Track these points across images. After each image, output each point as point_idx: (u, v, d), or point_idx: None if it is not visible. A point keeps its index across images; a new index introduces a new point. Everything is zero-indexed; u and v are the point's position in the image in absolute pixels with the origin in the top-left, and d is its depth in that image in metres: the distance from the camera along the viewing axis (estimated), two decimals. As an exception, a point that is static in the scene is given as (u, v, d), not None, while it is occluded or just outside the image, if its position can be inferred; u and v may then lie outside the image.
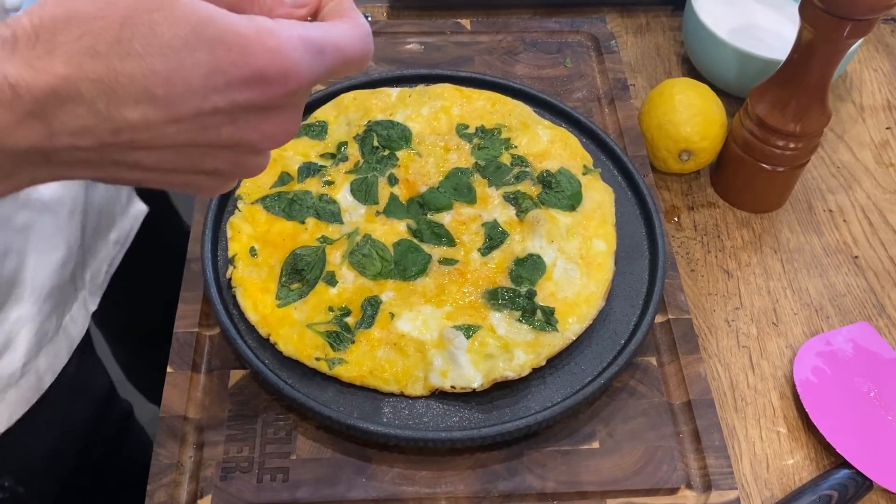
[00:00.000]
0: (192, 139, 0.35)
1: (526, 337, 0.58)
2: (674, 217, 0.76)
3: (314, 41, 0.36)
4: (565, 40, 0.83)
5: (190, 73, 0.33)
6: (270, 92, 0.35)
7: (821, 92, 0.68)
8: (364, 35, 0.40)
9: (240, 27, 0.34)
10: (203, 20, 0.33)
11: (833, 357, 0.66)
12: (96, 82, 0.32)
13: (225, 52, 0.33)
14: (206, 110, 0.34)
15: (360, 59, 0.39)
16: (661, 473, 0.56)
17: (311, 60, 0.36)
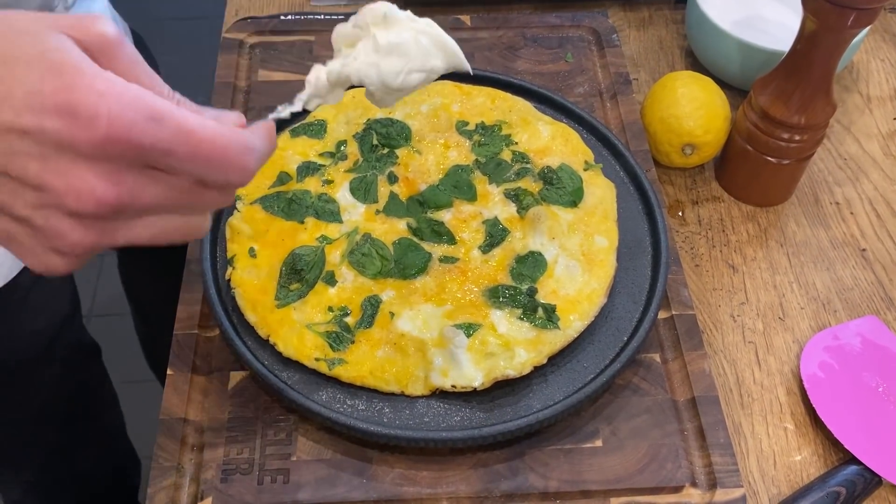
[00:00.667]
0: (5, 162, 0.34)
1: (527, 335, 0.58)
2: (678, 212, 0.76)
3: (155, 108, 0.34)
4: (566, 35, 0.83)
5: (15, 85, 0.33)
6: (76, 129, 0.33)
7: (825, 83, 0.67)
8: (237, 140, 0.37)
9: (85, 65, 0.34)
10: (58, 48, 0.34)
11: (841, 351, 0.65)
12: None
13: (54, 78, 0.33)
14: (17, 128, 0.33)
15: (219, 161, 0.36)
16: (666, 471, 0.56)
17: (137, 120, 0.34)
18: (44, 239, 0.36)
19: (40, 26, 0.34)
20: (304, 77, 0.77)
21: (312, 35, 0.81)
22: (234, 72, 0.78)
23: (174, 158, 0.35)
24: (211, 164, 0.36)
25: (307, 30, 0.82)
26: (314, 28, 0.82)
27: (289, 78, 0.78)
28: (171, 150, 0.35)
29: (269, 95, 0.76)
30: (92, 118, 0.33)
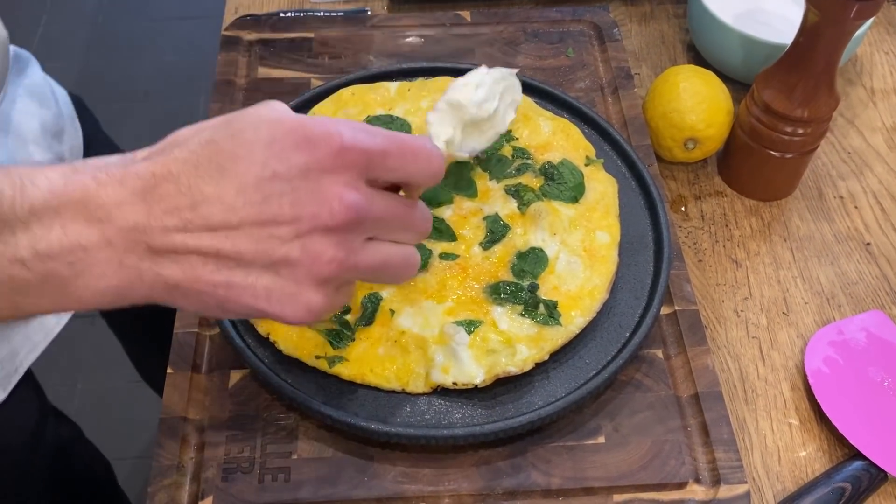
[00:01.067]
0: (259, 213, 0.39)
1: (528, 331, 0.57)
2: (680, 207, 0.75)
3: (367, 127, 0.42)
4: (567, 30, 0.82)
5: (252, 145, 0.39)
6: (318, 151, 0.39)
7: (828, 76, 0.67)
8: (430, 144, 0.44)
9: (302, 116, 0.41)
10: (268, 112, 0.41)
11: (845, 346, 0.65)
12: (182, 162, 0.39)
13: (282, 127, 0.40)
14: (266, 176, 0.39)
15: (422, 160, 0.43)
16: (669, 468, 0.55)
17: (359, 133, 0.41)
18: (302, 272, 0.41)
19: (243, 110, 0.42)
20: (303, 74, 0.77)
21: (312, 32, 0.81)
22: (234, 69, 0.78)
23: (391, 159, 0.42)
24: (417, 160, 0.43)
25: (306, 27, 0.82)
26: (313, 25, 0.82)
27: (288, 75, 0.77)
28: (388, 151, 0.41)
29: (268, 93, 0.76)
30: (328, 137, 0.40)
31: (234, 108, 0.75)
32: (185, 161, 0.39)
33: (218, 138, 0.39)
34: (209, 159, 0.39)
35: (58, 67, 2.16)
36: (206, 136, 0.40)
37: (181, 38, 2.22)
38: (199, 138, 0.40)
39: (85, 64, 2.18)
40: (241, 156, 0.39)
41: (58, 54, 2.20)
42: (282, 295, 0.41)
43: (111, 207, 0.38)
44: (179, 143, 0.40)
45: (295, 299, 0.41)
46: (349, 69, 0.77)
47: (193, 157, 0.39)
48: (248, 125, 0.40)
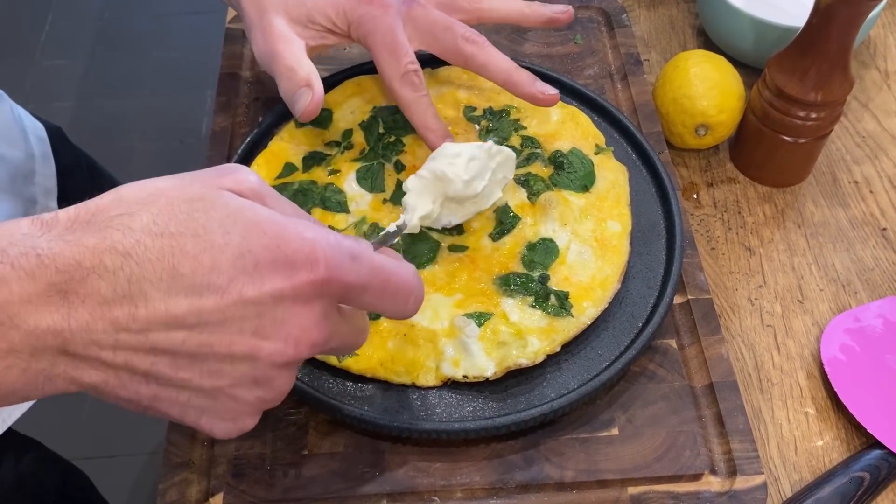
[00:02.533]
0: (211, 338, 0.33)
1: (539, 323, 0.57)
2: (692, 194, 0.74)
3: (353, 250, 0.37)
4: (575, 16, 0.81)
5: (219, 253, 0.32)
6: (297, 279, 0.34)
7: (842, 58, 0.65)
8: (411, 273, 0.40)
9: (277, 216, 0.34)
10: (242, 207, 0.34)
11: (862, 334, 0.64)
12: (123, 255, 0.31)
13: (258, 235, 0.33)
14: (232, 298, 0.33)
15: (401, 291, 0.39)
16: (684, 459, 0.54)
17: (344, 260, 0.35)
18: (244, 406, 0.37)
19: (208, 189, 0.34)
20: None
21: (317, 23, 0.80)
22: (239, 62, 0.77)
23: (368, 294, 0.38)
24: (395, 302, 0.39)
25: (311, 18, 0.81)
26: (318, 16, 0.81)
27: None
28: (368, 286, 0.37)
29: (273, 85, 0.75)
30: (312, 264, 0.34)
31: (239, 101, 0.74)
32: (126, 253, 0.31)
33: (176, 231, 0.32)
34: (160, 257, 0.32)
35: (64, 65, 2.17)
36: (161, 223, 0.32)
37: (187, 33, 2.22)
38: (149, 219, 0.32)
39: (91, 61, 2.19)
40: (203, 265, 0.32)
41: (64, 52, 2.21)
42: (214, 417, 0.36)
43: (16, 307, 0.30)
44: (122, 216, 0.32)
45: (227, 422, 0.37)
46: (355, 60, 0.76)
47: (139, 250, 0.31)
48: (215, 224, 0.33)
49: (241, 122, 0.73)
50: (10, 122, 0.73)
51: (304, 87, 0.60)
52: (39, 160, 0.76)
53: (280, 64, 0.61)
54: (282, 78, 0.61)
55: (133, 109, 2.09)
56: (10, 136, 0.72)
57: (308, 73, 0.60)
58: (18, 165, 0.72)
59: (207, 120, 2.04)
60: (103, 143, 1.97)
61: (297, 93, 0.60)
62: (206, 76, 2.08)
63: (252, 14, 0.62)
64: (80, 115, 2.06)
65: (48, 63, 2.18)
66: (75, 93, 2.11)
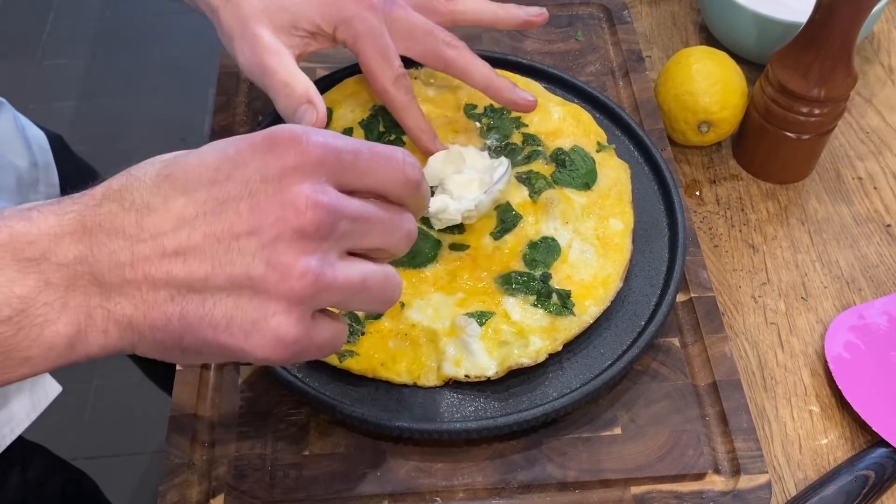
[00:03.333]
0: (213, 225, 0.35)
1: (541, 322, 0.56)
2: (695, 191, 0.74)
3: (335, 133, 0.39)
4: (576, 13, 0.81)
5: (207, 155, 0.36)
6: (282, 153, 0.35)
7: (845, 54, 0.65)
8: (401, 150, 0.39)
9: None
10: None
11: (866, 331, 0.63)
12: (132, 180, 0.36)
13: (244, 139, 0.36)
14: (221, 180, 0.35)
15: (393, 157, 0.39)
16: (687, 458, 0.54)
17: (326, 136, 0.37)
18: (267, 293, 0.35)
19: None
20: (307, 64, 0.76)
21: (316, 21, 0.80)
22: (239, 61, 0.77)
23: (362, 160, 0.37)
24: (390, 164, 0.38)
25: (311, 16, 0.80)
26: (318, 14, 0.80)
27: (293, 66, 0.76)
28: (358, 152, 0.37)
29: (273, 84, 0.75)
30: (293, 138, 0.36)
31: (239, 100, 0.74)
32: (132, 180, 0.36)
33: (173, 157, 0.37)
34: (157, 174, 0.36)
35: (65, 65, 2.17)
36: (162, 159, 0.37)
37: (188, 32, 2.21)
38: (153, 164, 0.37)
39: (92, 60, 2.18)
40: (192, 164, 0.35)
41: (65, 51, 2.20)
42: (244, 323, 0.35)
43: (47, 242, 0.34)
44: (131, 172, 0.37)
45: (260, 327, 0.35)
46: (355, 58, 0.76)
47: (140, 174, 0.36)
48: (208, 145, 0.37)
49: (241, 121, 0.73)
50: (13, 130, 0.73)
51: (305, 105, 0.58)
52: (42, 169, 0.76)
53: (274, 80, 0.59)
54: (278, 95, 0.59)
55: (134, 108, 2.08)
56: (14, 145, 0.72)
57: (306, 87, 0.59)
58: (23, 174, 0.72)
59: (209, 118, 2.03)
60: (105, 142, 1.97)
61: (298, 111, 0.58)
62: (208, 74, 2.07)
63: (233, 25, 0.60)
64: (81, 115, 2.06)
65: (49, 62, 2.18)
66: (77, 92, 2.11)
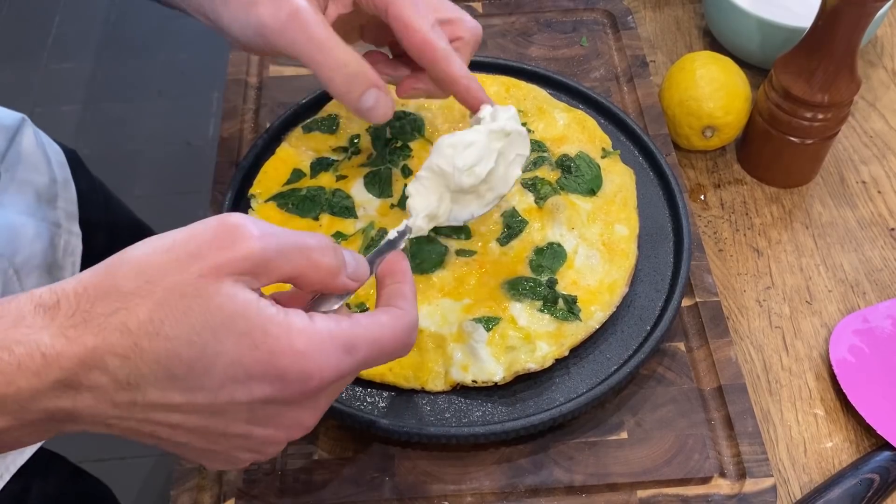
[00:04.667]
0: (206, 425, 0.36)
1: (548, 327, 0.57)
2: (700, 196, 0.74)
3: (346, 340, 0.37)
4: (580, 19, 0.81)
5: (212, 362, 0.34)
6: (289, 390, 0.36)
7: (849, 59, 0.65)
8: (405, 327, 0.41)
9: (271, 325, 0.35)
10: (237, 313, 0.34)
11: (871, 334, 0.64)
12: (122, 357, 0.33)
13: (250, 347, 0.35)
14: (223, 400, 0.35)
15: (398, 351, 0.41)
16: (693, 462, 0.55)
17: (339, 360, 0.37)
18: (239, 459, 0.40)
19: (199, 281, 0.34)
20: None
21: (323, 28, 0.80)
22: (246, 68, 0.77)
23: (367, 366, 0.40)
24: (391, 357, 0.41)
25: (317, 23, 0.81)
26: (324, 21, 0.81)
27: (300, 73, 0.77)
28: (368, 364, 0.39)
29: (280, 91, 0.75)
30: (304, 380, 0.36)
31: (247, 107, 0.74)
32: (125, 356, 0.33)
33: (171, 335, 0.33)
34: (157, 360, 0.34)
35: (71, 68, 2.18)
36: (157, 322, 0.33)
37: (193, 35, 2.22)
38: (145, 317, 0.33)
39: (98, 64, 2.19)
40: (195, 371, 0.34)
41: (71, 55, 2.21)
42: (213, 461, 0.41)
43: (25, 400, 0.33)
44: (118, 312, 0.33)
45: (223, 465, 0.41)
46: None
47: (136, 353, 0.33)
48: (209, 332, 0.34)
49: (249, 127, 0.73)
50: (34, 146, 0.74)
51: (373, 89, 0.52)
52: (61, 185, 0.76)
53: (330, 56, 0.50)
54: (335, 73, 0.50)
55: (140, 112, 2.09)
56: (35, 161, 0.73)
57: (366, 67, 0.52)
58: (43, 190, 0.73)
59: (214, 121, 2.05)
60: (111, 146, 1.98)
61: (366, 96, 0.52)
62: (213, 78, 2.09)
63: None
64: (87, 118, 2.07)
65: (55, 66, 2.19)
66: (82, 96, 2.12)
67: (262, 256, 0.36)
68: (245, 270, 0.35)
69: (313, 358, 0.36)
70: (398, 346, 0.41)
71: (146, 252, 0.35)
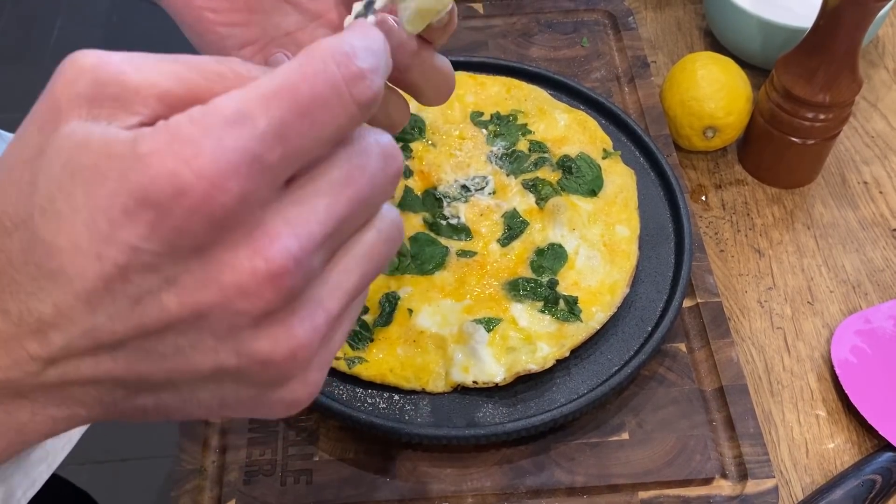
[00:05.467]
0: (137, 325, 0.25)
1: (549, 328, 0.57)
2: (701, 196, 0.74)
3: (224, 108, 0.23)
4: (581, 19, 0.81)
5: (71, 227, 0.24)
6: (172, 215, 0.23)
7: (850, 59, 0.65)
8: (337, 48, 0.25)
9: (115, 143, 0.24)
10: (76, 147, 0.24)
11: (873, 335, 0.63)
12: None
13: (99, 181, 0.23)
14: (113, 275, 0.24)
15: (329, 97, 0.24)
16: (695, 463, 0.54)
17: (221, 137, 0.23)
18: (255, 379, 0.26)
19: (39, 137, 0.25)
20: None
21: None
22: (247, 69, 0.77)
23: (293, 130, 0.24)
24: (328, 105, 0.24)
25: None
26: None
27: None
28: (285, 125, 0.24)
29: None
30: (179, 189, 0.23)
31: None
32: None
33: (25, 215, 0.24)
34: (25, 259, 0.24)
35: (73, 69, 2.18)
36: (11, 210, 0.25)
37: (195, 37, 2.22)
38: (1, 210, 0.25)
39: (100, 65, 2.19)
40: (64, 250, 0.24)
41: (73, 56, 2.21)
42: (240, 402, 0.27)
43: None
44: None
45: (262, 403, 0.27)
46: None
47: (3, 258, 0.25)
48: (56, 187, 0.24)
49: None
50: None
51: None
52: None
53: None
54: None
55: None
56: None
57: None
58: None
59: (215, 123, 2.05)
60: (112, 148, 1.98)
61: None
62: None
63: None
64: (89, 120, 2.07)
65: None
66: (84, 97, 2.12)
67: (104, 70, 0.24)
68: (89, 97, 0.24)
69: (176, 151, 0.23)
70: (326, 89, 0.24)
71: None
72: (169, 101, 0.25)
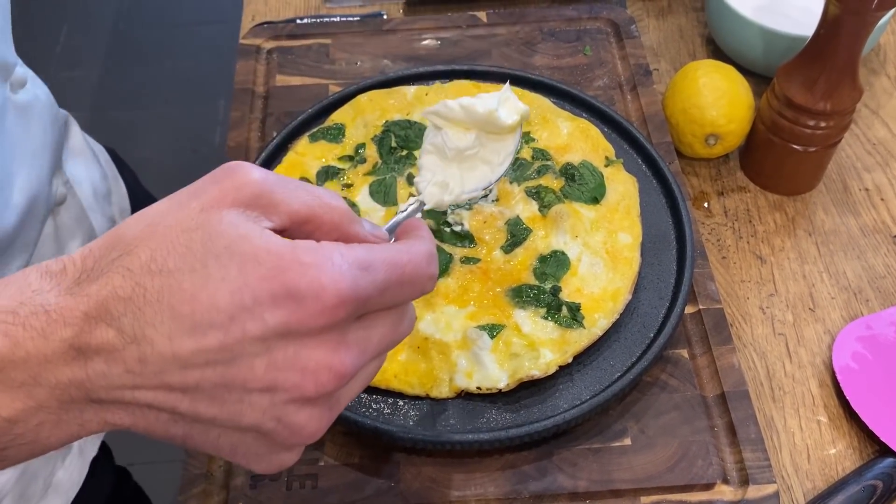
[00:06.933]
0: (224, 375, 0.32)
1: (551, 334, 0.57)
2: (703, 203, 0.74)
3: (359, 257, 0.33)
4: (584, 28, 0.82)
5: (216, 289, 0.31)
6: (304, 310, 0.31)
7: (851, 67, 0.66)
8: (425, 252, 0.37)
9: (275, 245, 0.32)
10: (240, 236, 0.32)
11: (874, 342, 0.64)
12: (124, 301, 0.31)
13: (254, 266, 0.31)
14: (235, 335, 0.31)
15: (419, 278, 0.36)
16: (696, 469, 0.55)
17: (354, 275, 0.33)
18: (275, 441, 0.34)
19: (206, 211, 0.32)
20: (321, 80, 0.78)
21: (329, 38, 0.81)
22: (253, 77, 0.78)
23: (389, 294, 0.35)
24: (414, 286, 0.36)
25: (323, 33, 0.82)
26: (330, 31, 0.82)
27: (306, 82, 0.78)
28: (387, 287, 0.35)
29: (286, 100, 0.76)
30: (318, 293, 0.31)
31: (253, 116, 0.75)
32: (128, 298, 0.31)
33: (174, 268, 0.31)
34: (158, 298, 0.31)
35: (78, 76, 2.19)
36: (160, 259, 0.31)
37: (200, 44, 2.24)
38: (147, 256, 0.31)
39: (105, 72, 2.21)
40: (201, 303, 0.31)
41: (78, 63, 2.23)
42: (249, 453, 0.35)
43: (36, 367, 0.31)
44: (122, 257, 0.32)
45: (264, 459, 0.35)
46: (367, 74, 0.77)
47: (139, 293, 0.31)
48: (212, 257, 0.31)
49: (256, 136, 0.74)
50: (82, 142, 0.73)
51: None
52: (112, 180, 0.76)
53: None
54: None
55: (146, 120, 2.11)
56: (86, 156, 0.73)
57: None
58: (98, 185, 0.73)
59: (220, 129, 2.06)
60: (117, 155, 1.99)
61: None
62: (219, 86, 2.10)
63: None
64: (94, 126, 2.08)
65: (63, 74, 2.20)
66: (90, 103, 2.13)
67: (263, 186, 0.33)
68: (247, 201, 0.33)
69: (324, 269, 0.32)
70: (419, 272, 0.36)
71: (149, 206, 0.34)
72: (295, 219, 0.34)
